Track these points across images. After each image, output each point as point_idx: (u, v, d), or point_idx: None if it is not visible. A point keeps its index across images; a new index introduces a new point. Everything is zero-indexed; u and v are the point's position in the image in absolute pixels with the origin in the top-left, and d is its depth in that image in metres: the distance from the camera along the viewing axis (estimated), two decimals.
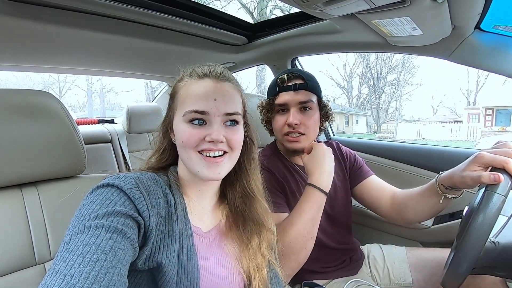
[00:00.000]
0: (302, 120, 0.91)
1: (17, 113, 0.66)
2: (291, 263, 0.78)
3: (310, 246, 0.80)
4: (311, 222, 0.79)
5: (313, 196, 0.81)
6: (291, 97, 0.92)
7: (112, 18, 1.06)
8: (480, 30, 0.92)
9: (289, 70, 0.98)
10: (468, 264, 0.53)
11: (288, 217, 0.82)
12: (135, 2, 1.01)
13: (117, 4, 0.98)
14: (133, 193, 0.48)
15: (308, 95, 0.92)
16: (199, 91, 0.56)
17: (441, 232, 1.22)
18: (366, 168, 1.06)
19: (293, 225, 0.79)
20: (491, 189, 0.55)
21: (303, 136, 0.92)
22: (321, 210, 0.82)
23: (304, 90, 0.92)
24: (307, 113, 0.93)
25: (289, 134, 0.93)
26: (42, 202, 0.69)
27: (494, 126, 14.06)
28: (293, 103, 0.92)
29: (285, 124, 0.93)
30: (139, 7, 1.03)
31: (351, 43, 1.24)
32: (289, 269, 0.78)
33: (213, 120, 0.55)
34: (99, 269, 0.37)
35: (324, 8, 0.81)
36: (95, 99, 18.03)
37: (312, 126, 0.93)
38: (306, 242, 0.79)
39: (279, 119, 0.95)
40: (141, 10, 1.04)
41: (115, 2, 0.97)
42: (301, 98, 0.91)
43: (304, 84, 0.92)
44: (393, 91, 20.23)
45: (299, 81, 0.93)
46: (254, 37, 1.48)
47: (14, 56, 1.26)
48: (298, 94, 0.92)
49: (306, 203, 0.81)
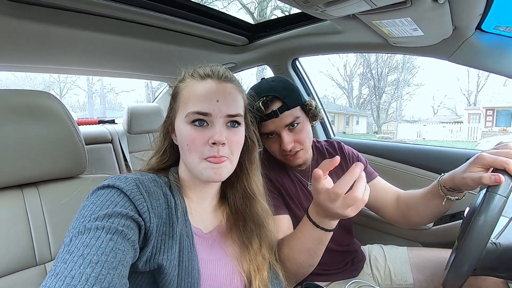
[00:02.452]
0: (295, 139, 0.88)
1: (17, 114, 0.66)
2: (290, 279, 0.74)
3: (308, 271, 0.76)
4: (307, 252, 0.70)
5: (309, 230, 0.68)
6: (276, 124, 0.86)
7: (113, 18, 1.06)
8: (481, 31, 0.91)
9: (261, 92, 0.87)
10: (470, 265, 0.53)
11: (287, 238, 0.76)
12: (136, 2, 1.01)
13: (118, 5, 0.98)
14: (134, 194, 0.48)
15: (292, 114, 0.87)
16: (201, 92, 0.56)
17: (442, 233, 1.22)
18: (370, 170, 1.03)
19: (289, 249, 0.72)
20: (492, 190, 0.55)
21: (301, 151, 0.90)
22: (321, 244, 0.69)
23: (286, 111, 0.86)
24: (297, 129, 0.89)
25: (287, 155, 0.90)
26: (42, 202, 0.69)
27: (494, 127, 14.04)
28: (280, 128, 0.87)
29: (280, 149, 0.89)
30: (139, 8, 1.03)
31: (351, 43, 1.24)
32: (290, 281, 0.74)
33: (215, 121, 0.55)
34: (99, 270, 0.37)
35: (324, 9, 0.81)
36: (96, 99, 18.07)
37: (305, 138, 0.90)
38: (302, 269, 0.74)
39: (272, 145, 0.91)
40: (142, 10, 1.04)
41: (116, 3, 0.97)
42: (287, 121, 0.86)
43: (284, 105, 0.85)
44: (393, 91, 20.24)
45: (277, 105, 0.85)
46: (254, 37, 1.48)
47: (15, 57, 1.27)
48: (281, 119, 0.86)
49: (300, 233, 0.70)
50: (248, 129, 0.65)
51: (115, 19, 1.06)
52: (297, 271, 0.75)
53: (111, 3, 0.96)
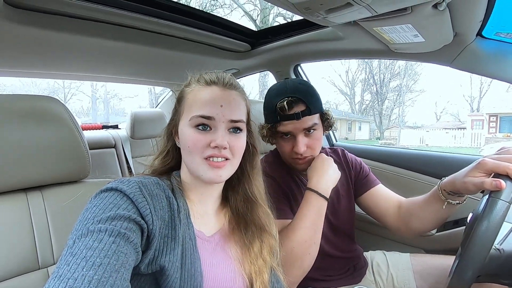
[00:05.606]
0: (308, 144, 0.88)
1: (22, 118, 0.67)
2: (296, 270, 0.77)
3: (314, 252, 0.79)
4: (312, 227, 0.79)
5: (312, 201, 0.82)
6: (295, 126, 0.87)
7: (117, 25, 1.08)
8: (481, 37, 0.92)
9: (286, 92, 0.88)
10: (473, 272, 0.52)
11: (290, 223, 0.82)
12: (139, 9, 1.03)
13: (122, 12, 1.00)
14: (137, 197, 0.48)
15: (312, 119, 0.87)
16: (206, 97, 0.57)
17: (445, 239, 1.20)
18: (372, 177, 1.03)
19: (294, 231, 0.79)
20: (495, 196, 0.55)
21: (311, 157, 0.91)
22: (322, 215, 0.82)
23: (308, 116, 0.86)
24: (312, 135, 0.89)
25: (296, 158, 0.91)
26: (46, 206, 0.70)
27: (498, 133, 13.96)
28: (298, 131, 0.87)
29: (291, 150, 0.90)
30: (143, 14, 1.05)
31: (353, 50, 1.25)
32: (294, 276, 0.77)
33: (218, 126, 0.56)
34: (102, 273, 0.37)
35: (326, 16, 0.82)
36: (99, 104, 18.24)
37: (317, 145, 0.91)
38: (309, 248, 0.78)
39: (284, 145, 0.91)
40: (145, 17, 1.06)
41: (119, 10, 0.99)
42: (306, 125, 0.87)
43: (307, 110, 0.86)
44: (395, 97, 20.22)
45: (301, 108, 0.86)
46: (257, 44, 1.50)
47: (19, 63, 1.29)
48: (302, 122, 0.86)
49: (306, 208, 0.81)
50: (250, 135, 0.66)
51: (118, 25, 1.08)
52: (303, 253, 0.77)
53: (114, 10, 0.98)
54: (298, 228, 0.78)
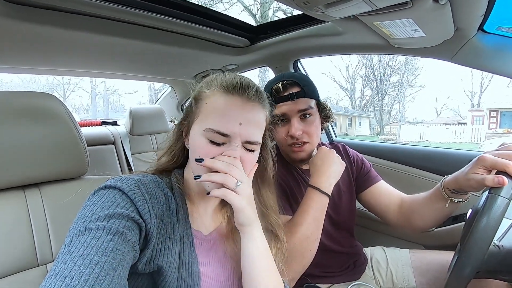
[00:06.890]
0: (304, 129, 0.89)
1: (20, 115, 0.66)
2: (296, 266, 0.78)
3: (314, 248, 0.80)
4: (314, 223, 0.80)
5: (314, 198, 0.81)
6: (289, 107, 0.89)
7: (116, 21, 1.07)
8: (483, 31, 0.91)
9: (282, 77, 0.93)
10: (472, 268, 0.52)
11: (291, 219, 0.82)
12: (138, 4, 1.02)
13: (121, 7, 0.99)
14: (135, 195, 0.48)
15: (307, 102, 0.89)
16: (225, 110, 0.53)
17: (445, 235, 1.21)
18: (374, 173, 1.03)
19: (296, 227, 0.79)
20: (494, 192, 0.54)
21: (307, 144, 0.91)
22: (323, 212, 0.82)
23: (302, 98, 0.89)
24: (308, 120, 0.90)
25: (292, 145, 0.91)
26: (44, 203, 0.70)
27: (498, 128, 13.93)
28: (293, 112, 0.89)
29: (287, 135, 0.90)
30: (141, 10, 1.03)
31: (353, 45, 1.24)
32: (294, 272, 0.78)
33: (232, 142, 0.53)
34: (99, 271, 0.37)
35: (325, 10, 0.81)
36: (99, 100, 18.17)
37: (314, 132, 0.91)
38: (310, 244, 0.79)
39: (280, 130, 0.92)
40: (144, 12, 1.05)
41: (119, 5, 0.98)
42: (301, 107, 0.88)
43: (301, 91, 0.89)
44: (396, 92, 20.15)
45: (295, 89, 0.89)
46: (256, 39, 1.49)
47: (18, 59, 1.28)
48: (296, 104, 0.88)
49: (307, 205, 0.81)
50: (264, 147, 0.64)
51: (117, 21, 1.07)
52: (305, 250, 0.78)
53: (113, 5, 0.97)
54: (299, 225, 0.79)
